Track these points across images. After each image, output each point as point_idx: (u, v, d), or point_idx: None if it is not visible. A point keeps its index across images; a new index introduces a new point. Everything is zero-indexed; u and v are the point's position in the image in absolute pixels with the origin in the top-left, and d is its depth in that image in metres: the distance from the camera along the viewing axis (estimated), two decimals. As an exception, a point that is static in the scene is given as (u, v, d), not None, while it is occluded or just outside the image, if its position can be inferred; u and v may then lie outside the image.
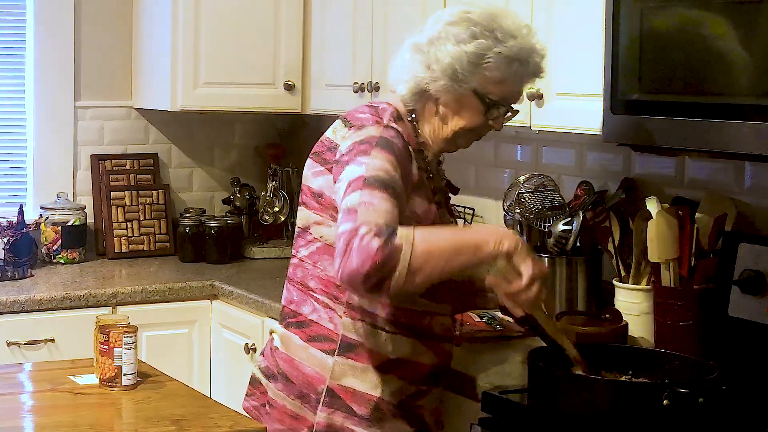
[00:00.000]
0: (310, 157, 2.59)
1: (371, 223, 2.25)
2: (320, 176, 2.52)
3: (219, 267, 4.23)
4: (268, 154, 4.67)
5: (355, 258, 2.22)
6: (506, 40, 2.46)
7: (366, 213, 2.27)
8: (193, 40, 4.14)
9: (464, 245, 2.32)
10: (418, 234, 2.28)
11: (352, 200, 2.31)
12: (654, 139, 2.62)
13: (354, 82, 3.76)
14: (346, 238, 2.25)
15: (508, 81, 2.50)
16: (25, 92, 4.36)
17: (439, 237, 2.32)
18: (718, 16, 2.46)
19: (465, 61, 2.46)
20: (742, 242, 2.74)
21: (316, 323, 2.54)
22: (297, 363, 2.56)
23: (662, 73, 2.59)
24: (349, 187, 2.34)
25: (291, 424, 2.56)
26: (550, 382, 2.40)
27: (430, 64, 2.49)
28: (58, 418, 2.43)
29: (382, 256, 2.22)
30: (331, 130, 2.56)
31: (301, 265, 2.58)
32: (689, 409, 2.25)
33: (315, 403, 2.52)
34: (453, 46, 2.47)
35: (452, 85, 2.48)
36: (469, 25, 2.47)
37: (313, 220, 2.54)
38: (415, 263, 2.25)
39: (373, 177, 2.33)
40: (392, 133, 2.44)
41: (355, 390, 2.51)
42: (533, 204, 3.17)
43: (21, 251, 4.00)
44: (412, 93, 2.54)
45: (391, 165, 2.38)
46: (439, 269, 2.29)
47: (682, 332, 2.78)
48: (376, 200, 2.30)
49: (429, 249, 2.27)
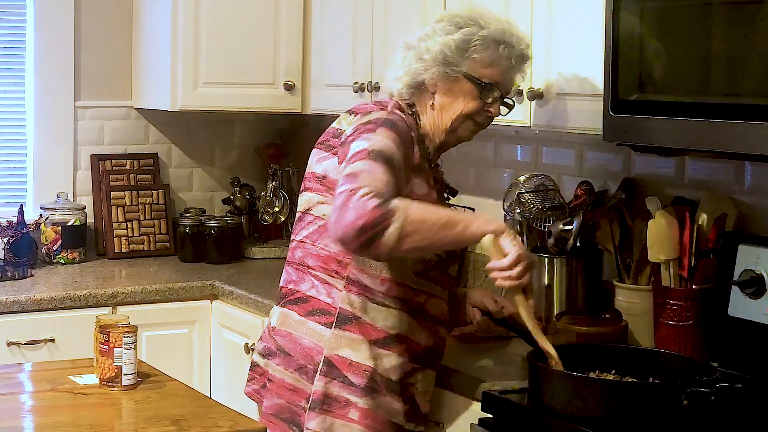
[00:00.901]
0: (315, 147, 2.71)
1: (371, 186, 2.37)
2: (324, 161, 2.64)
3: (219, 267, 4.23)
4: (268, 154, 4.67)
5: (351, 213, 2.33)
6: (489, 26, 2.64)
7: (367, 178, 2.39)
8: (193, 40, 4.14)
9: (455, 221, 2.44)
10: (414, 204, 2.41)
11: (354, 167, 2.43)
12: (654, 139, 2.62)
13: (354, 82, 3.76)
14: (345, 195, 2.36)
15: (496, 63, 2.64)
16: (25, 92, 4.36)
17: (432, 211, 2.44)
18: (718, 15, 2.46)
19: (453, 46, 2.62)
20: (742, 242, 2.75)
21: (315, 298, 2.62)
22: (295, 337, 2.64)
23: (662, 73, 2.59)
24: (353, 158, 2.45)
25: (290, 397, 2.63)
26: (551, 383, 2.40)
27: (421, 55, 2.65)
28: (58, 418, 2.44)
29: (377, 214, 2.34)
30: (336, 121, 2.69)
31: (300, 246, 2.67)
32: (699, 409, 2.26)
33: (312, 374, 2.60)
34: (440, 37, 2.64)
35: (444, 71, 2.63)
36: (454, 20, 2.66)
37: (315, 201, 2.64)
38: (407, 228, 2.36)
39: (376, 150, 2.45)
40: (397, 117, 2.58)
41: (352, 361, 2.58)
42: (533, 204, 3.17)
43: (21, 251, 4.00)
44: (408, 86, 2.68)
45: (394, 142, 2.49)
46: (429, 239, 2.40)
47: (682, 332, 2.78)
48: (377, 171, 2.41)
49: (421, 218, 2.39)
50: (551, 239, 3.15)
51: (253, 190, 4.57)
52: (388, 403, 2.61)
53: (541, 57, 3.01)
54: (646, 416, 2.27)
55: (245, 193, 4.56)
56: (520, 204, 3.19)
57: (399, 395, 2.62)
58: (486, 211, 3.77)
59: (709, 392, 2.27)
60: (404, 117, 2.61)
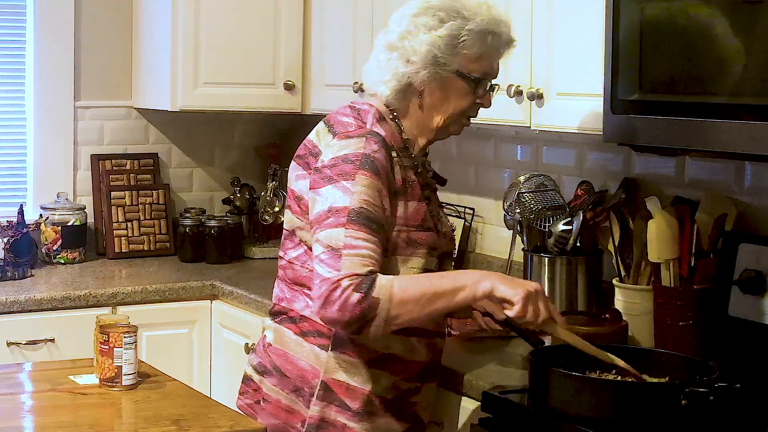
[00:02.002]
0: (294, 159, 2.62)
1: (353, 275, 2.35)
2: (301, 180, 2.56)
3: (219, 267, 4.23)
4: (268, 154, 4.67)
5: (335, 309, 2.34)
6: (474, 17, 2.53)
7: (349, 262, 2.36)
8: (193, 40, 4.14)
9: (442, 291, 2.42)
10: (396, 284, 2.38)
11: (335, 238, 2.38)
12: (654, 139, 2.62)
13: (354, 82, 3.76)
14: (328, 287, 2.35)
15: (485, 55, 2.55)
16: (25, 92, 4.36)
17: (416, 286, 2.41)
18: (719, 15, 2.45)
19: (442, 45, 2.51)
20: (742, 242, 2.75)
21: (309, 319, 2.55)
22: (291, 357, 2.58)
23: (662, 73, 2.59)
24: (332, 216, 2.40)
25: (285, 418, 2.57)
26: (551, 382, 2.40)
27: (408, 57, 2.54)
28: (58, 418, 2.44)
29: (361, 310, 2.34)
30: (315, 132, 2.61)
31: (290, 266, 2.61)
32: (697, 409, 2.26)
33: (309, 397, 2.54)
34: (425, 34, 2.52)
35: (435, 72, 2.53)
36: (434, 12, 2.53)
37: (296, 225, 2.58)
38: (393, 313, 2.37)
39: (357, 211, 2.40)
40: (375, 145, 2.47)
41: (348, 384, 2.53)
42: (533, 204, 3.17)
43: (21, 251, 4.00)
44: (395, 91, 2.57)
45: (376, 191, 2.43)
46: (417, 315, 2.41)
47: (682, 332, 2.78)
48: (360, 242, 2.38)
49: (406, 299, 2.38)
50: (551, 239, 3.15)
51: (253, 190, 4.57)
52: (387, 424, 2.56)
53: (541, 57, 3.02)
54: (646, 416, 2.27)
55: (245, 193, 4.56)
56: (520, 204, 3.19)
57: (399, 414, 2.58)
58: (486, 211, 3.77)
59: (708, 392, 2.26)
60: (384, 133, 2.50)
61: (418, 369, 2.60)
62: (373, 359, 2.54)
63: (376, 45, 2.62)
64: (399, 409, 2.58)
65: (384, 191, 2.45)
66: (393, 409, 2.57)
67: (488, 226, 3.78)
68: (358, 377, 2.53)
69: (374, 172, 2.44)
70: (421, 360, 2.60)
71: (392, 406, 2.57)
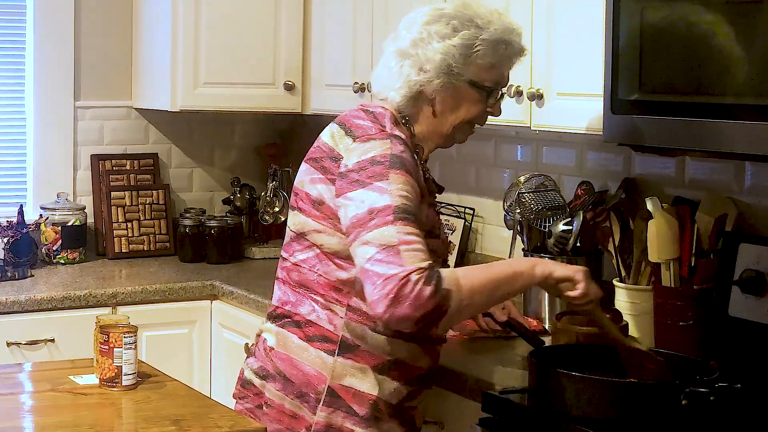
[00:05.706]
0: (306, 162, 2.57)
1: (419, 269, 2.30)
2: (320, 183, 2.51)
3: (219, 267, 4.23)
4: (268, 154, 4.67)
5: (408, 306, 2.28)
6: (487, 26, 2.51)
7: (410, 256, 2.31)
8: (193, 40, 4.14)
9: (503, 278, 2.43)
10: (461, 274, 2.38)
11: (388, 236, 2.33)
12: (654, 139, 2.62)
13: (354, 82, 3.76)
14: (396, 284, 2.28)
15: (498, 64, 2.55)
16: (25, 92, 4.36)
17: (477, 275, 2.41)
18: (718, 16, 2.46)
19: (456, 54, 2.49)
20: (742, 242, 2.74)
21: (315, 324, 2.53)
22: (296, 362, 2.55)
23: (662, 73, 2.59)
24: (376, 217, 2.35)
25: (289, 424, 2.56)
26: (550, 382, 2.40)
27: (422, 66, 2.51)
28: (58, 418, 2.43)
29: (435, 303, 2.30)
30: (329, 134, 2.55)
31: (296, 268, 2.57)
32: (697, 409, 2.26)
33: (314, 403, 2.53)
34: (439, 43, 2.50)
35: (449, 81, 2.51)
36: (447, 21, 2.51)
37: (311, 228, 2.53)
38: (464, 303, 2.36)
39: (401, 208, 2.36)
40: (400, 146, 2.45)
41: (356, 390, 2.52)
42: (533, 204, 3.17)
43: (21, 251, 4.00)
44: (407, 98, 2.54)
45: (411, 187, 2.41)
46: (483, 304, 2.44)
47: (682, 332, 2.78)
48: (412, 237, 2.34)
49: (473, 288, 2.37)
50: (551, 239, 3.15)
51: (253, 190, 4.57)
52: (391, 429, 2.56)
53: (541, 57, 3.02)
54: (646, 416, 2.27)
55: (245, 193, 4.56)
56: (520, 204, 3.19)
57: (400, 419, 2.57)
58: (486, 211, 3.77)
59: (708, 392, 2.27)
60: (404, 136, 2.49)
61: (420, 374, 2.59)
62: (380, 365, 2.52)
63: (386, 50, 2.59)
64: (401, 414, 2.58)
65: (417, 189, 2.44)
66: (396, 415, 2.56)
67: (488, 226, 3.78)
68: (365, 383, 2.52)
69: (406, 171, 2.42)
70: (424, 366, 2.59)
71: (396, 412, 2.56)
